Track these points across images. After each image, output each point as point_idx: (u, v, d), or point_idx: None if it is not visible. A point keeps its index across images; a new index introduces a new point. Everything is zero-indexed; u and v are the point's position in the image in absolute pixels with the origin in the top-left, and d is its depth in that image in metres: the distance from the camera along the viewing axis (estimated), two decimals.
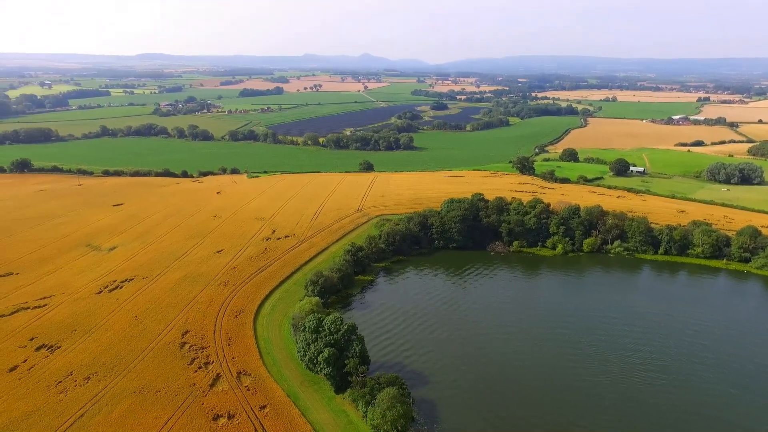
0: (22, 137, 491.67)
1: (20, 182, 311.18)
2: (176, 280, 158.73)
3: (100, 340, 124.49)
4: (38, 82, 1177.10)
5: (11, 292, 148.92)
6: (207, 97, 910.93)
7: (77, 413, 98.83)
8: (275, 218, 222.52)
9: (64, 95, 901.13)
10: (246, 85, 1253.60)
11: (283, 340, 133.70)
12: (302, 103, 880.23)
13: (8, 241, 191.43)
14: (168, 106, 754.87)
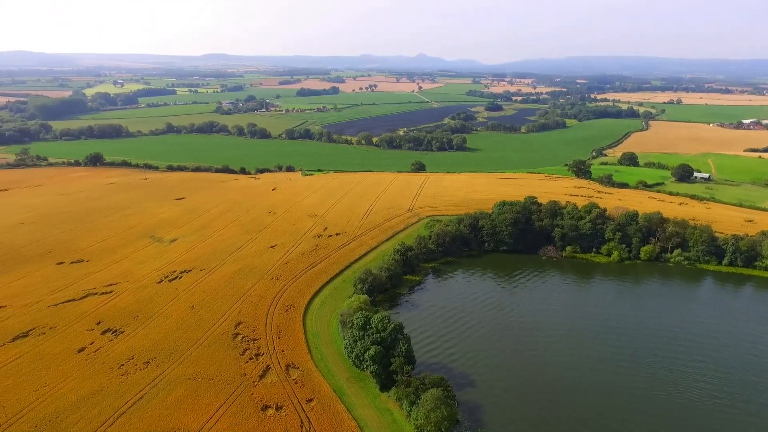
0: (96, 133, 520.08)
1: (93, 175, 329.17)
2: (231, 273, 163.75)
3: (160, 327, 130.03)
4: (112, 81, 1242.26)
5: (82, 278, 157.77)
6: (266, 96, 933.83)
7: (137, 395, 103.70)
8: (327, 216, 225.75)
9: (134, 93, 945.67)
10: (303, 84, 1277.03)
11: (331, 335, 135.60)
12: (357, 103, 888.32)
13: (81, 230, 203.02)
14: (229, 105, 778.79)
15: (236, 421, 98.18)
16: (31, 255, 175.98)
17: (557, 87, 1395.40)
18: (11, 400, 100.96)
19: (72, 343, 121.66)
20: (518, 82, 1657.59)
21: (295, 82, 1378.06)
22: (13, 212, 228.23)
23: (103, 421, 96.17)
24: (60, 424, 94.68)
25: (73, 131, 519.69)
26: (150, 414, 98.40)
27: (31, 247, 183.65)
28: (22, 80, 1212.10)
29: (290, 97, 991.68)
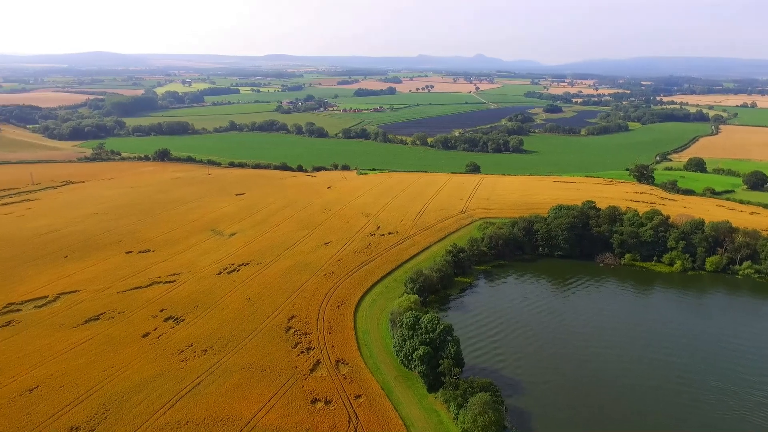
0: (165, 129, 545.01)
1: (161, 169, 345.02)
2: (286, 268, 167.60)
3: (218, 317, 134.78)
4: (181, 81, 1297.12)
5: (148, 267, 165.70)
6: (324, 96, 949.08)
7: (195, 381, 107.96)
8: (380, 215, 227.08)
9: (201, 92, 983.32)
10: (361, 85, 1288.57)
11: (380, 333, 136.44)
12: (413, 104, 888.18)
13: (148, 222, 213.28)
14: (289, 104, 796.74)
15: (286, 412, 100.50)
16: (103, 243, 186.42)
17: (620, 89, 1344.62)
18: (83, 378, 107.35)
19: (137, 328, 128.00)
20: (579, 83, 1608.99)
21: (352, 83, 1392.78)
22: (89, 203, 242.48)
23: (163, 403, 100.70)
24: (125, 404, 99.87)
25: (144, 128, 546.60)
26: (206, 400, 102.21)
27: (103, 236, 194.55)
28: (101, 79, 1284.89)
29: (348, 96, 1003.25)
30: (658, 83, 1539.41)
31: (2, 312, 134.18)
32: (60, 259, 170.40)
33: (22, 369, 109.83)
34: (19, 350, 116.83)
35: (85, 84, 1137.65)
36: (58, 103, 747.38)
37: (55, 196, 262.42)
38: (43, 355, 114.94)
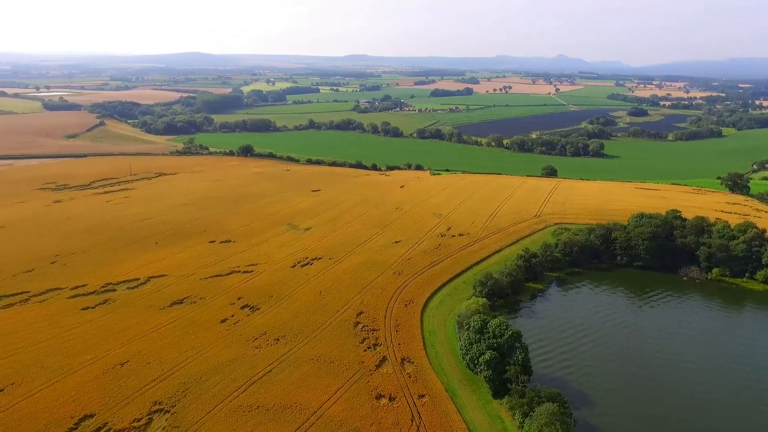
0: (249, 126, 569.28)
1: (243, 164, 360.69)
2: (357, 264, 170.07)
3: (290, 308, 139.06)
4: (265, 80, 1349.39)
5: (229, 257, 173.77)
6: (401, 96, 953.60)
7: (266, 368, 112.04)
8: (452, 216, 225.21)
9: (283, 91, 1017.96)
10: (437, 85, 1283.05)
11: (446, 335, 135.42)
12: (490, 105, 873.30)
13: (230, 213, 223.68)
14: (366, 104, 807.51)
15: (351, 405, 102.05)
16: (189, 232, 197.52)
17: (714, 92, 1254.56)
18: (167, 357, 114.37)
19: (216, 314, 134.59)
20: (668, 85, 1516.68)
21: (429, 83, 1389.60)
22: (178, 194, 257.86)
23: (237, 387, 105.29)
24: (202, 385, 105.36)
25: (230, 124, 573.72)
26: (276, 387, 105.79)
27: (190, 225, 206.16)
28: (193, 78, 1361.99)
29: (424, 97, 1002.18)
30: (758, 86, 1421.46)
31: (100, 291, 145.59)
32: (151, 245, 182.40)
33: (115, 344, 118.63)
34: (113, 327, 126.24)
35: (179, 83, 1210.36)
36: (155, 100, 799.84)
37: (149, 186, 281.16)
38: (133, 333, 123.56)
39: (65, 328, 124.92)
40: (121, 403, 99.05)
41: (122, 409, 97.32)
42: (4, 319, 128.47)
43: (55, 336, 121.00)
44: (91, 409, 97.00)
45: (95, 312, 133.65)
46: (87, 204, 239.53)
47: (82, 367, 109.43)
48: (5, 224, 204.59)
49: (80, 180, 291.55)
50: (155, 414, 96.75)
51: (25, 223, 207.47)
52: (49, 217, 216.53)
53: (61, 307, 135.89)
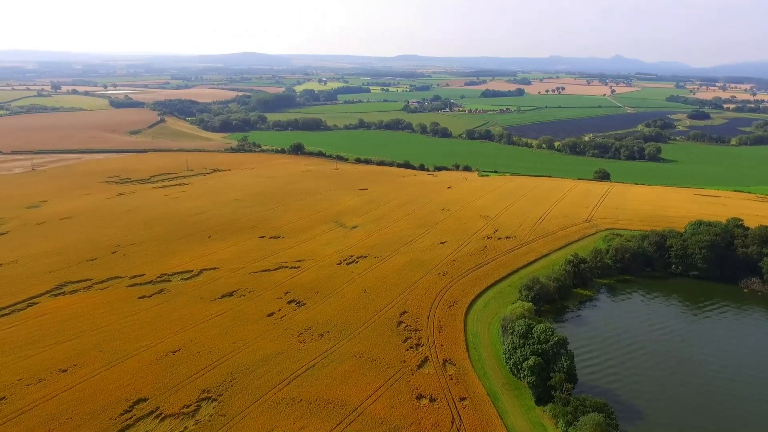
0: (300, 125, 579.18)
1: (294, 162, 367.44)
2: (402, 264, 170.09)
3: (335, 305, 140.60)
4: (317, 80, 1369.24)
5: (277, 252, 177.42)
6: (450, 96, 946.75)
7: (310, 363, 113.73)
8: (499, 218, 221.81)
9: (334, 91, 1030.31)
10: (488, 86, 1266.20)
11: (490, 338, 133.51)
12: (541, 106, 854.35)
13: (280, 210, 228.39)
14: (415, 104, 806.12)
15: (392, 404, 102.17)
16: (241, 227, 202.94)
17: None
18: (216, 347, 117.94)
19: (264, 308, 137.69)
20: (733, 87, 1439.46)
21: (480, 83, 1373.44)
22: (231, 190, 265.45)
23: (281, 379, 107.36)
24: (249, 375, 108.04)
25: (282, 123, 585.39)
26: (319, 382, 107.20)
27: (241, 220, 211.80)
28: (248, 77, 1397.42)
29: (474, 97, 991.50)
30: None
31: (156, 281, 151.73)
32: (205, 239, 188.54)
33: (168, 332, 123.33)
34: (167, 316, 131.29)
35: (235, 82, 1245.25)
36: (212, 98, 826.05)
37: (204, 181, 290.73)
38: (185, 323, 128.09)
39: (123, 314, 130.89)
40: (173, 389, 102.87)
41: (173, 395, 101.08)
42: (69, 304, 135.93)
43: (114, 322, 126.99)
44: (145, 393, 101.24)
45: (151, 301, 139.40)
46: (146, 197, 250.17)
47: (137, 352, 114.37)
48: (73, 215, 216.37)
49: (141, 174, 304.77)
50: (203, 401, 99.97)
51: (90, 214, 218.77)
52: (112, 209, 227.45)
53: (120, 294, 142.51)
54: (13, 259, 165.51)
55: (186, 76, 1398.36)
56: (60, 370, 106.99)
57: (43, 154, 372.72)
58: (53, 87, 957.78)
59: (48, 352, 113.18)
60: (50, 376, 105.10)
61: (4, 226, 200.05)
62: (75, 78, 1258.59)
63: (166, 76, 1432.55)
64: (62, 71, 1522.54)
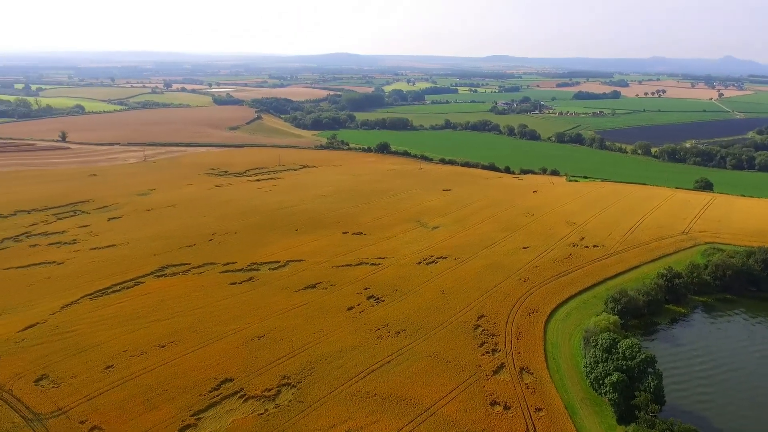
0: (387, 124, 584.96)
1: (379, 161, 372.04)
2: (482, 267, 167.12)
3: (412, 304, 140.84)
4: (406, 80, 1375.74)
5: (359, 248, 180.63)
6: (541, 98, 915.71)
7: (385, 359, 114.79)
8: (586, 225, 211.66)
9: (422, 91, 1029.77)
10: (581, 87, 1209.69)
11: (570, 350, 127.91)
12: (638, 109, 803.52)
13: (363, 207, 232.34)
14: (504, 105, 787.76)
15: (464, 407, 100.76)
16: (326, 222, 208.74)
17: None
18: (297, 336, 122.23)
19: (344, 301, 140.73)
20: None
21: (573, 85, 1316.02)
22: (318, 185, 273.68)
23: (357, 372, 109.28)
24: (326, 366, 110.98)
25: (370, 122, 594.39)
26: (393, 379, 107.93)
27: (327, 215, 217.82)
28: (340, 77, 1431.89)
29: (566, 99, 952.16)
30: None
31: (246, 269, 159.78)
32: (292, 232, 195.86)
33: (255, 318, 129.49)
34: (255, 303, 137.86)
35: (327, 81, 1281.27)
36: (305, 97, 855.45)
37: (294, 176, 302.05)
38: (270, 310, 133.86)
39: (216, 299, 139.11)
40: (256, 372, 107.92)
41: (256, 378, 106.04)
42: (169, 286, 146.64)
43: (207, 305, 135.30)
44: (231, 374, 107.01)
45: (241, 287, 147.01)
46: (241, 190, 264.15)
47: (226, 335, 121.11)
48: (176, 203, 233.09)
49: (237, 168, 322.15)
50: (283, 387, 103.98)
51: (191, 203, 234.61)
52: (211, 199, 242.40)
53: (213, 280, 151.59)
54: (124, 241, 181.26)
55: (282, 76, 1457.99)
56: (159, 346, 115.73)
57: (153, 146, 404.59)
58: (165, 85, 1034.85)
59: (149, 328, 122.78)
60: (150, 350, 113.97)
61: (118, 211, 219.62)
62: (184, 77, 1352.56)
63: (265, 75, 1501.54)
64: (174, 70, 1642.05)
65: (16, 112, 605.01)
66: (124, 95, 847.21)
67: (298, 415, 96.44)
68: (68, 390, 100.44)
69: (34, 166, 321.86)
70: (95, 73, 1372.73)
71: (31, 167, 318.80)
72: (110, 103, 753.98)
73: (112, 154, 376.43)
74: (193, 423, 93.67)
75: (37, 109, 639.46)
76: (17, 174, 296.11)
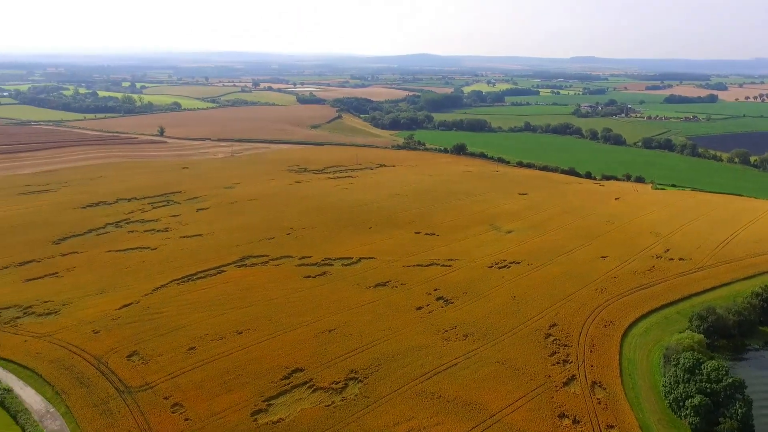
0: (465, 125, 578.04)
1: (455, 162, 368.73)
2: (556, 274, 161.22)
3: (482, 308, 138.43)
4: (486, 81, 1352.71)
5: (431, 249, 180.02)
6: (628, 101, 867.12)
7: (452, 361, 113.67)
8: (672, 237, 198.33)
9: (502, 92, 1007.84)
10: (674, 90, 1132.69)
11: (649, 367, 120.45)
12: (737, 115, 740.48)
13: (437, 208, 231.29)
14: (587, 108, 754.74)
15: (531, 417, 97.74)
16: (399, 221, 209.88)
17: None
18: (367, 332, 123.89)
19: (413, 301, 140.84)
20: None
21: (664, 88, 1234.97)
22: (393, 185, 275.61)
23: (423, 372, 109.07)
24: (393, 364, 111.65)
25: (447, 123, 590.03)
26: (459, 382, 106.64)
27: (400, 215, 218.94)
28: (420, 78, 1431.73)
29: (656, 103, 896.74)
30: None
31: (321, 264, 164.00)
32: (365, 229, 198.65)
33: (327, 312, 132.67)
34: (327, 297, 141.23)
35: (407, 82, 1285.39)
36: (384, 97, 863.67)
37: (370, 175, 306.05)
38: (342, 305, 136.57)
39: (291, 291, 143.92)
40: (325, 364, 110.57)
41: (325, 370, 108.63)
42: (249, 275, 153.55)
43: (283, 296, 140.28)
44: (302, 364, 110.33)
45: (315, 281, 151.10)
46: (319, 186, 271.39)
47: (299, 326, 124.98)
48: (259, 197, 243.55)
49: (317, 165, 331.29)
50: (350, 381, 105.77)
51: (272, 197, 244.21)
52: (290, 194, 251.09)
53: (289, 272, 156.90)
54: (210, 231, 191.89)
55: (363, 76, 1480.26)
56: (237, 332, 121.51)
57: (240, 142, 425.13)
58: (253, 84, 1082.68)
59: (228, 315, 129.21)
60: (229, 336, 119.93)
61: (206, 202, 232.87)
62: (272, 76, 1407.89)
63: (347, 75, 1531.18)
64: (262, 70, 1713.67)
65: (122, 107, 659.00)
66: (216, 93, 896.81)
67: (363, 410, 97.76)
68: (155, 367, 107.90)
69: (136, 158, 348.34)
70: (191, 73, 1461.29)
71: (133, 159, 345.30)
72: (203, 101, 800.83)
73: (203, 148, 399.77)
74: (264, 408, 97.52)
75: (140, 105, 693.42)
76: (121, 165, 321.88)
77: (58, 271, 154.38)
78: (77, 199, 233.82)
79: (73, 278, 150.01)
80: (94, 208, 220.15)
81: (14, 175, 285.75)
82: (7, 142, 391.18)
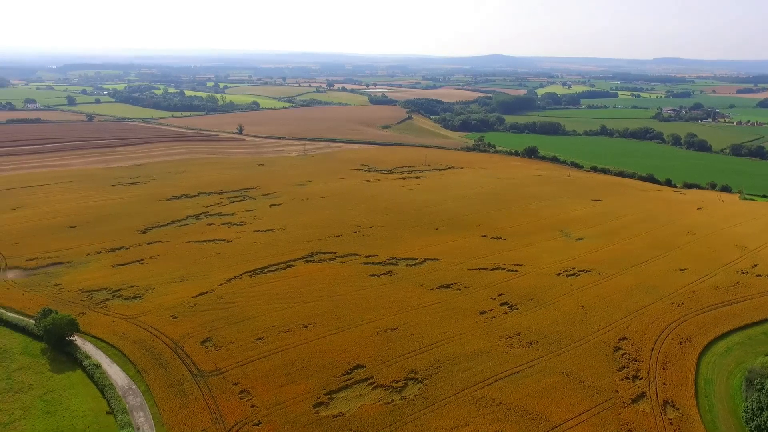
0: (537, 128, 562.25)
1: (525, 165, 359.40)
2: (628, 285, 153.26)
3: (548, 316, 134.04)
4: (561, 83, 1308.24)
5: (496, 253, 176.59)
6: (716, 105, 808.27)
7: (514, 368, 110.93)
8: (761, 251, 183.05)
9: (578, 95, 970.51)
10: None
11: (729, 389, 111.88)
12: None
13: (504, 212, 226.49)
14: (670, 112, 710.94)
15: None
16: (465, 224, 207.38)
17: None
18: (428, 333, 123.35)
19: (476, 305, 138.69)
20: None
21: (758, 91, 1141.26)
22: (461, 187, 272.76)
23: (483, 378, 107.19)
24: (453, 367, 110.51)
25: (519, 125, 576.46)
26: (521, 390, 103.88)
27: (467, 217, 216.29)
28: (492, 79, 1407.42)
29: (748, 107, 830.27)
30: None
31: (386, 263, 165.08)
32: (431, 231, 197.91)
33: (389, 311, 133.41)
34: (391, 296, 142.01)
35: (479, 83, 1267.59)
36: (455, 98, 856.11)
37: (438, 177, 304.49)
38: (404, 305, 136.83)
39: (356, 288, 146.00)
40: (386, 362, 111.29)
41: (386, 368, 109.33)
42: (316, 271, 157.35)
43: (348, 293, 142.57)
44: (363, 360, 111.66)
45: (379, 280, 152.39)
46: (388, 186, 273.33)
47: (363, 323, 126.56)
48: (329, 195, 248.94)
49: (386, 165, 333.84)
50: (410, 381, 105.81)
51: (342, 196, 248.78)
52: (359, 193, 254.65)
53: (355, 270, 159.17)
54: (282, 227, 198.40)
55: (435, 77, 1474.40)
56: (302, 325, 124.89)
57: (313, 141, 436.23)
58: (328, 84, 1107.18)
59: (295, 308, 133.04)
60: (295, 329, 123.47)
61: (279, 199, 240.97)
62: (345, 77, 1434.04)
63: (418, 76, 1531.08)
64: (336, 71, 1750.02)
65: (206, 106, 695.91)
66: (292, 93, 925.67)
67: (422, 411, 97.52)
68: (226, 354, 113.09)
69: (216, 154, 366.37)
70: (270, 73, 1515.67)
71: (214, 155, 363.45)
72: (280, 101, 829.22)
73: (278, 146, 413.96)
74: (325, 401, 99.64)
75: (222, 104, 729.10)
76: (203, 160, 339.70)
77: (143, 258, 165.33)
78: (162, 191, 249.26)
79: (156, 266, 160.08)
80: (177, 201, 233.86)
81: (110, 168, 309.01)
82: (106, 137, 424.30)
